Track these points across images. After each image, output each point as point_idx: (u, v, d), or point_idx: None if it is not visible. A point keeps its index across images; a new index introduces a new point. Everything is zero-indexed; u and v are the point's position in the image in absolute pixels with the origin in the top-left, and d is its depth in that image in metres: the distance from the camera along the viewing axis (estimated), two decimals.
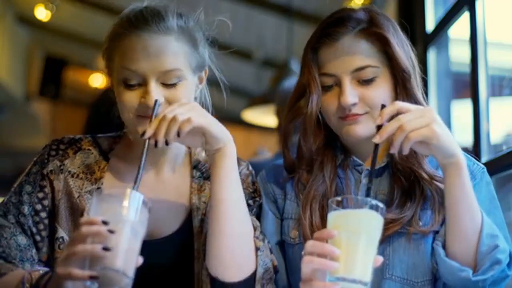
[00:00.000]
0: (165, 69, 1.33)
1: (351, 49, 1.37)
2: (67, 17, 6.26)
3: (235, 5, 4.90)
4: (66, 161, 1.44)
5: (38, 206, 1.40)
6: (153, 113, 1.29)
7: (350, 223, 1.12)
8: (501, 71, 2.56)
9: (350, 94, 1.36)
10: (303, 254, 1.16)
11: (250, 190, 1.49)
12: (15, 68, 7.18)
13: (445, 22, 2.73)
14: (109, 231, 1.08)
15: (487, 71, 2.27)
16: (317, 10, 4.66)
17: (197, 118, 1.27)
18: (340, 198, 1.13)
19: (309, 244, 1.15)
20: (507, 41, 2.65)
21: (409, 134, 1.20)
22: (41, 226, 1.39)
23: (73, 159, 1.45)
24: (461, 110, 2.77)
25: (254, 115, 4.63)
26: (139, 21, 1.34)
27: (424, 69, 2.89)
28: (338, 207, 1.13)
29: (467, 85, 2.38)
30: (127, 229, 1.11)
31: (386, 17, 1.43)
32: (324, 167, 1.44)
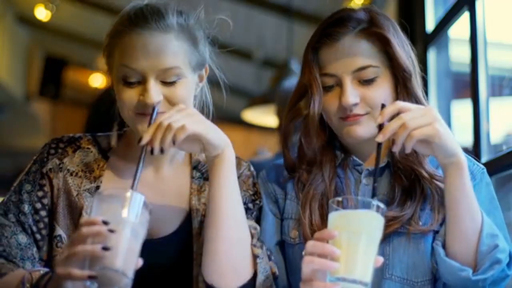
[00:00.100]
0: (164, 67, 1.32)
1: (352, 49, 1.37)
2: (67, 17, 6.26)
3: (235, 5, 4.90)
4: (65, 160, 1.44)
5: (38, 205, 1.40)
6: (151, 119, 1.29)
7: (351, 224, 1.12)
8: (501, 71, 2.56)
9: (351, 94, 1.36)
10: (304, 254, 1.16)
11: (251, 193, 1.48)
12: (15, 68, 7.17)
13: (445, 22, 2.73)
14: (109, 231, 1.08)
15: (487, 71, 2.27)
16: (317, 10, 4.66)
17: (192, 125, 1.25)
18: (341, 199, 1.14)
19: (310, 244, 1.15)
20: (507, 41, 2.65)
21: (412, 132, 1.20)
22: (41, 225, 1.39)
23: (72, 158, 1.44)
24: (461, 110, 2.77)
25: (254, 115, 4.63)
26: (139, 19, 1.33)
27: (424, 69, 2.88)
28: (339, 208, 1.13)
29: (467, 85, 2.38)
30: (127, 230, 1.10)
31: (386, 17, 1.43)
32: (324, 167, 1.44)
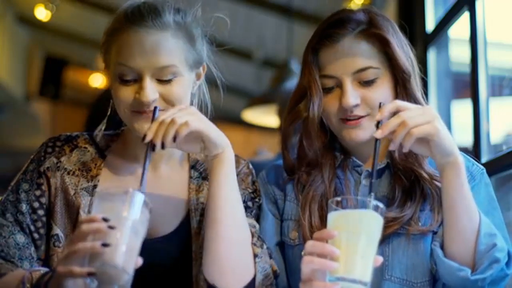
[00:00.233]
0: (160, 66, 1.32)
1: (352, 51, 1.37)
2: (67, 17, 6.25)
3: (235, 5, 4.89)
4: (63, 158, 1.43)
5: (36, 204, 1.39)
6: (153, 118, 1.29)
7: (350, 223, 1.12)
8: (501, 71, 2.56)
9: (352, 96, 1.36)
10: (303, 254, 1.16)
11: (250, 191, 1.48)
12: (15, 68, 7.17)
13: (445, 22, 2.73)
14: (109, 227, 1.08)
15: (487, 71, 2.26)
16: (317, 10, 4.65)
17: (195, 122, 1.27)
18: (340, 198, 1.14)
19: (309, 244, 1.15)
20: (507, 41, 2.64)
21: (411, 130, 1.20)
22: (39, 224, 1.39)
23: (70, 157, 1.44)
24: (461, 110, 2.77)
25: (254, 115, 4.63)
26: (136, 17, 1.33)
27: (424, 69, 2.88)
28: (338, 207, 1.13)
29: (467, 85, 2.38)
30: (128, 227, 1.11)
31: (386, 18, 1.43)
32: (323, 168, 1.44)
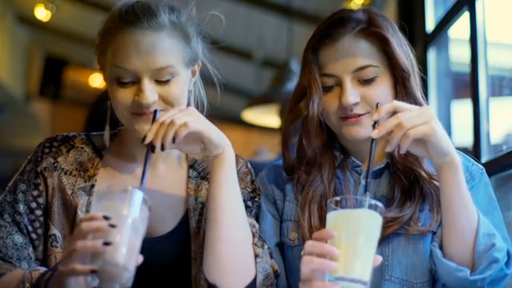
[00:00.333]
0: (158, 67, 1.31)
1: (352, 49, 1.37)
2: (67, 17, 6.25)
3: (235, 5, 4.90)
4: (60, 159, 1.43)
5: (33, 204, 1.39)
6: (154, 119, 1.29)
7: (349, 223, 1.11)
8: (501, 71, 2.56)
9: (352, 94, 1.36)
10: (303, 254, 1.16)
11: (249, 190, 1.47)
12: (15, 68, 7.18)
13: (445, 22, 2.73)
14: (110, 226, 1.08)
15: (487, 71, 2.26)
16: (317, 10, 4.65)
17: (194, 123, 1.26)
18: (339, 198, 1.13)
19: (309, 244, 1.15)
20: (507, 41, 2.64)
21: (408, 132, 1.20)
22: (37, 224, 1.38)
23: (67, 157, 1.44)
24: (461, 110, 2.77)
25: (254, 115, 4.63)
26: (131, 18, 1.32)
27: (424, 69, 2.91)
28: (337, 207, 1.13)
29: (467, 85, 2.38)
30: (128, 225, 1.11)
31: (385, 18, 1.43)
32: (323, 168, 1.44)
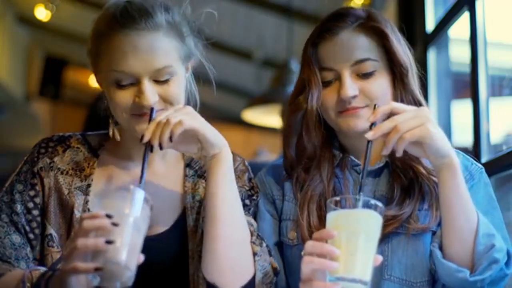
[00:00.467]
0: (157, 68, 1.31)
1: (351, 43, 1.38)
2: (67, 17, 6.25)
3: (235, 5, 4.90)
4: (56, 159, 1.44)
5: (30, 204, 1.40)
6: (150, 119, 1.29)
7: (349, 223, 1.11)
8: (501, 71, 2.56)
9: (350, 87, 1.37)
10: (303, 254, 1.16)
11: (247, 188, 1.47)
12: (15, 68, 7.17)
13: (445, 22, 2.73)
14: (113, 224, 1.08)
15: (487, 71, 2.26)
16: (317, 10, 4.66)
17: (189, 121, 1.27)
18: (339, 198, 1.13)
19: (309, 244, 1.15)
20: (507, 41, 2.64)
21: (404, 135, 1.20)
22: (34, 224, 1.39)
23: (63, 157, 1.44)
24: (461, 110, 2.77)
25: (254, 115, 4.64)
26: (126, 20, 1.31)
27: (424, 69, 2.91)
28: (337, 207, 1.13)
29: (467, 85, 2.38)
30: (130, 224, 1.11)
31: (384, 17, 1.44)
32: (322, 167, 1.44)
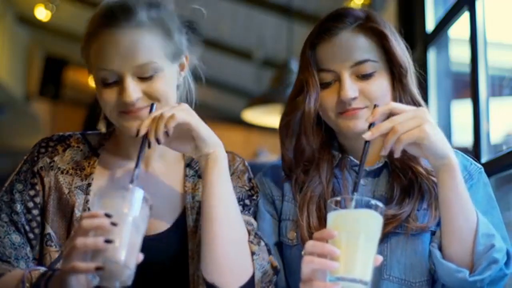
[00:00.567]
0: (139, 64, 1.32)
1: (350, 44, 1.38)
2: (67, 17, 6.24)
3: (235, 5, 4.89)
4: (56, 158, 1.44)
5: (30, 204, 1.40)
6: (150, 113, 1.31)
7: (350, 223, 1.11)
8: (501, 71, 2.55)
9: (350, 88, 1.36)
10: (303, 254, 1.16)
11: (247, 188, 1.47)
12: (15, 68, 7.17)
13: (445, 22, 2.73)
14: (112, 224, 1.08)
15: (487, 71, 2.26)
16: (317, 10, 4.66)
17: (183, 115, 1.27)
18: (339, 198, 1.13)
19: (309, 244, 1.15)
20: (507, 41, 2.64)
21: (401, 137, 1.20)
22: (34, 224, 1.39)
23: (63, 156, 1.45)
24: (461, 110, 2.77)
25: (254, 115, 4.63)
26: (109, 19, 1.33)
27: (424, 69, 2.91)
28: (337, 207, 1.13)
29: (467, 85, 2.37)
30: (129, 223, 1.11)
31: (382, 18, 1.44)
32: (321, 168, 1.44)
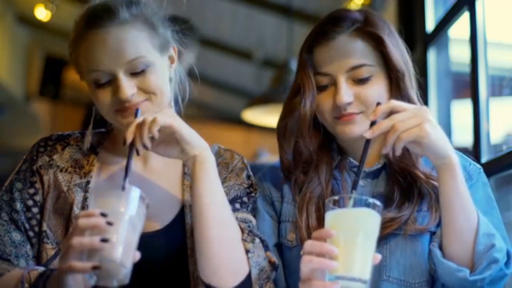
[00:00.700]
0: (129, 59, 1.33)
1: (347, 48, 1.37)
2: (67, 17, 6.20)
3: (235, 5, 4.89)
4: (55, 156, 1.45)
5: (30, 202, 1.40)
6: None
7: (348, 222, 1.11)
8: (501, 71, 2.55)
9: (346, 93, 1.36)
10: (302, 254, 1.16)
11: (245, 186, 1.47)
12: (15, 68, 7.17)
13: (445, 22, 2.73)
14: (108, 223, 1.08)
15: (487, 71, 2.26)
16: (317, 10, 4.66)
17: (164, 118, 1.27)
18: (337, 197, 1.13)
19: (308, 244, 1.14)
20: (507, 41, 2.64)
21: (401, 135, 1.20)
22: (34, 222, 1.39)
23: (62, 154, 1.46)
24: (461, 110, 2.76)
25: (254, 115, 4.63)
26: (92, 21, 1.34)
27: (424, 69, 2.91)
28: (335, 207, 1.13)
29: (467, 85, 2.37)
30: (125, 222, 1.11)
31: (382, 19, 1.43)
32: (320, 169, 1.44)
